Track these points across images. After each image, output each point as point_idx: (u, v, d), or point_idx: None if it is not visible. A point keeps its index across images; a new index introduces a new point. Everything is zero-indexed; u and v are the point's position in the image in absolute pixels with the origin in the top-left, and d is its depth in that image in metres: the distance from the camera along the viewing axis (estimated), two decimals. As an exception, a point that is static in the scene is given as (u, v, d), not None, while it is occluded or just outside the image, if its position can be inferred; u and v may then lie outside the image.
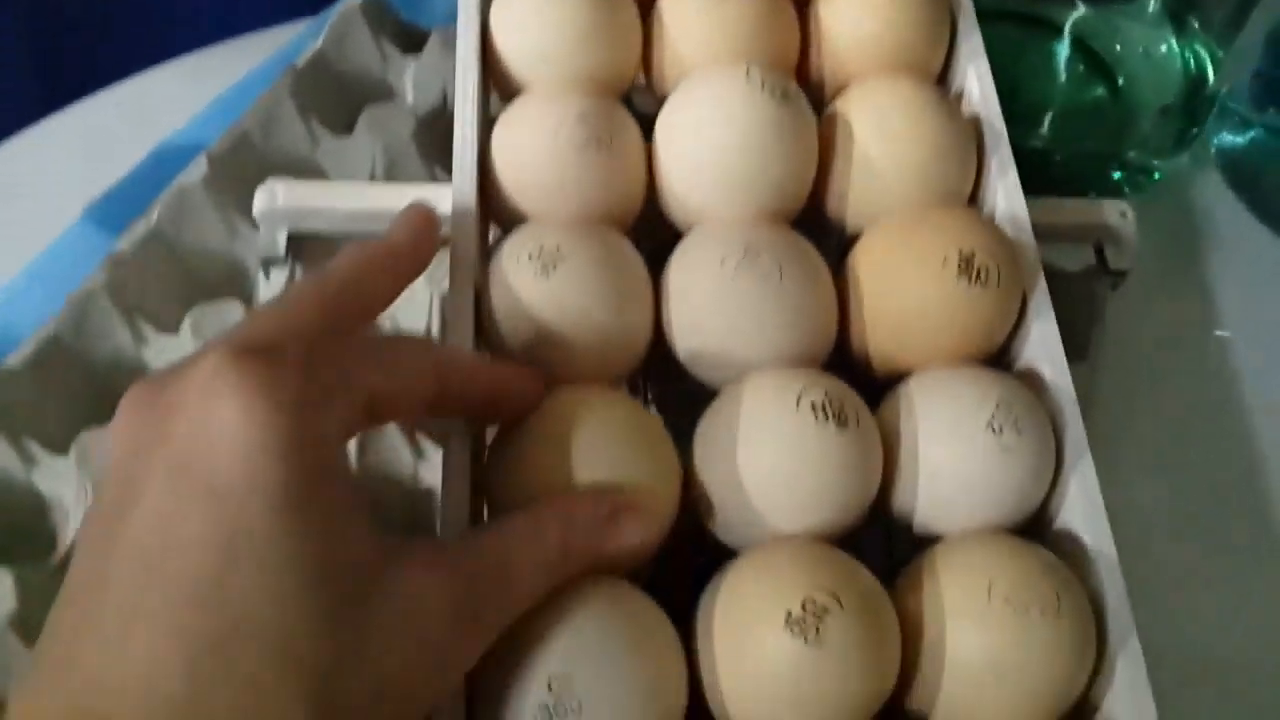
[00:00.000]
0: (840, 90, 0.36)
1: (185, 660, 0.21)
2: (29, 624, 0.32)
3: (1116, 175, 0.49)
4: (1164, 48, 0.49)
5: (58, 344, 0.38)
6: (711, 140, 0.33)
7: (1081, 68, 0.49)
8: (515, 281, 0.30)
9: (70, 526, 0.36)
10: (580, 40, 0.35)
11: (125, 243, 0.40)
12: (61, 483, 0.37)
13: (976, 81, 0.37)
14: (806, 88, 0.35)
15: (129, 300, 0.39)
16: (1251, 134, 0.51)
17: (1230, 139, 0.51)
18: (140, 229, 0.40)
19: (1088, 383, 0.33)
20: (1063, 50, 0.49)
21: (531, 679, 0.25)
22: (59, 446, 0.37)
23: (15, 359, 0.37)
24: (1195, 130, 0.48)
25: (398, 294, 0.30)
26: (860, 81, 0.36)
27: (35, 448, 0.37)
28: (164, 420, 0.23)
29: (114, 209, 0.43)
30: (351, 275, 0.28)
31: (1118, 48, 0.49)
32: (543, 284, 0.30)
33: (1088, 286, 0.41)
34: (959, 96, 0.38)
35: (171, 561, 0.21)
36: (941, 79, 0.39)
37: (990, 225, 0.32)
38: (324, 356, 0.24)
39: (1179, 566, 0.31)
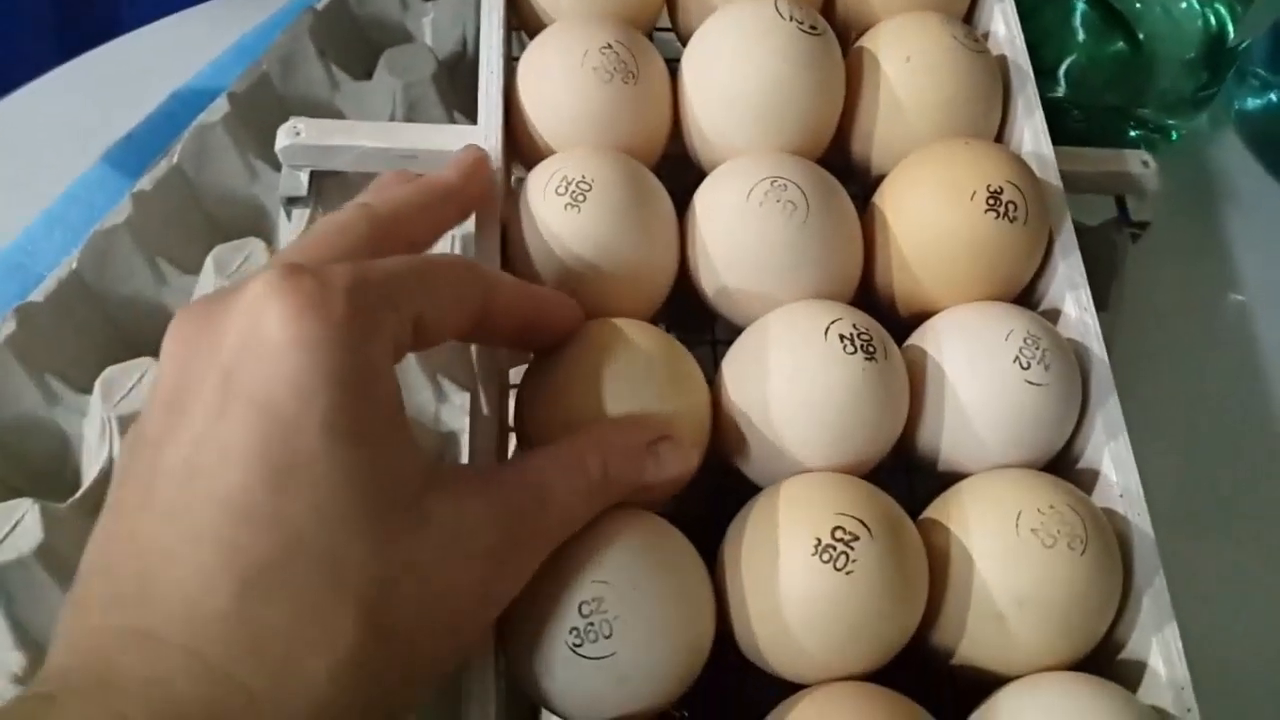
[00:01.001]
0: (866, 29, 0.36)
1: (235, 579, 0.21)
2: (54, 555, 0.32)
3: (1133, 134, 0.48)
4: (1184, 4, 0.48)
5: (79, 280, 0.38)
6: (739, 73, 0.32)
7: (1100, 23, 0.49)
8: (543, 215, 0.30)
9: (93, 464, 0.36)
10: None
11: (147, 181, 0.40)
12: (83, 420, 0.37)
13: (1003, 21, 0.37)
14: (832, 26, 0.34)
15: (150, 239, 0.39)
16: (1271, 95, 0.51)
17: (1250, 101, 0.51)
18: (162, 167, 0.40)
19: (1108, 335, 0.33)
20: (1081, 4, 0.49)
21: (563, 604, 0.25)
22: (80, 385, 0.37)
23: (38, 294, 0.37)
24: (1214, 89, 0.48)
25: (443, 233, 0.30)
26: (887, 19, 0.35)
27: (58, 385, 0.37)
28: (216, 340, 0.23)
29: (133, 153, 0.43)
30: (402, 208, 0.28)
31: (1137, 4, 0.49)
32: (571, 216, 0.30)
33: (1108, 238, 0.41)
34: (985, 36, 0.38)
35: (221, 479, 0.21)
36: (967, 19, 0.39)
37: (1019, 161, 0.32)
38: (374, 278, 0.24)
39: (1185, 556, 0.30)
